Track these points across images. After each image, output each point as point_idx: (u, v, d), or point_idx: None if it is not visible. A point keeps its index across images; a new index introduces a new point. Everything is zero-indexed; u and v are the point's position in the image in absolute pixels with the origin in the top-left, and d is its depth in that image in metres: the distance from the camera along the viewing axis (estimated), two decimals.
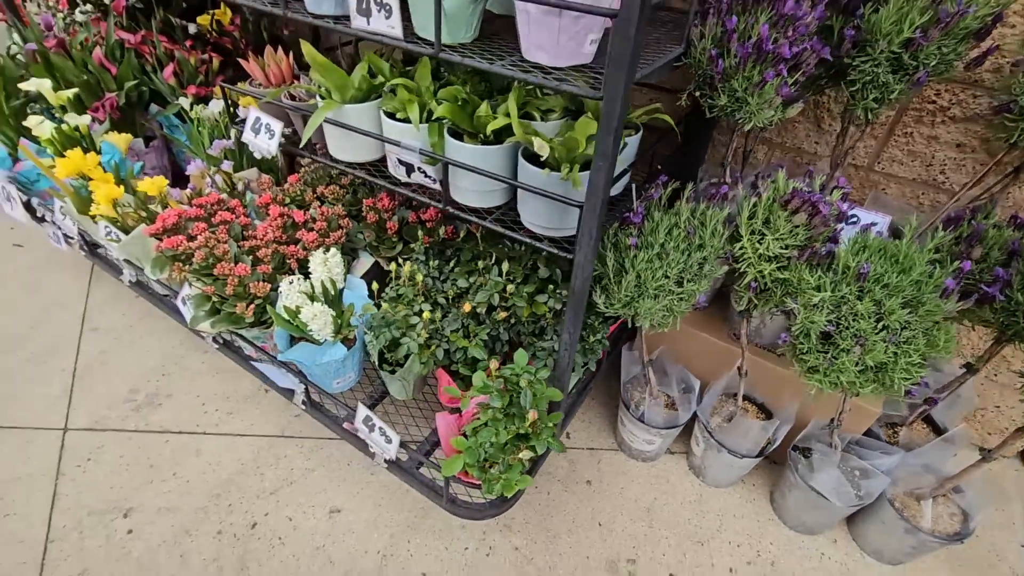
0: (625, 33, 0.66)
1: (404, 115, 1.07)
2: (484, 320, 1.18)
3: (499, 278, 1.17)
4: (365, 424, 1.18)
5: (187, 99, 1.73)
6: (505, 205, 1.11)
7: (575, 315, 1.01)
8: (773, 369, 1.37)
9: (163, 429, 1.55)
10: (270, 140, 1.25)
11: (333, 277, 1.28)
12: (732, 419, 1.38)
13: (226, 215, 1.40)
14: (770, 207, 1.07)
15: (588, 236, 0.88)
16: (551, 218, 1.00)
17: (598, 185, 0.82)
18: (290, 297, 1.21)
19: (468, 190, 1.08)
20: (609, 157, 0.78)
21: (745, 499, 1.47)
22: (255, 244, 1.35)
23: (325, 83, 1.13)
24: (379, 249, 1.50)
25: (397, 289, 1.25)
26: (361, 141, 1.18)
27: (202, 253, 1.28)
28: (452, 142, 1.02)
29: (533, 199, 0.99)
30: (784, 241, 1.05)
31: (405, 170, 1.11)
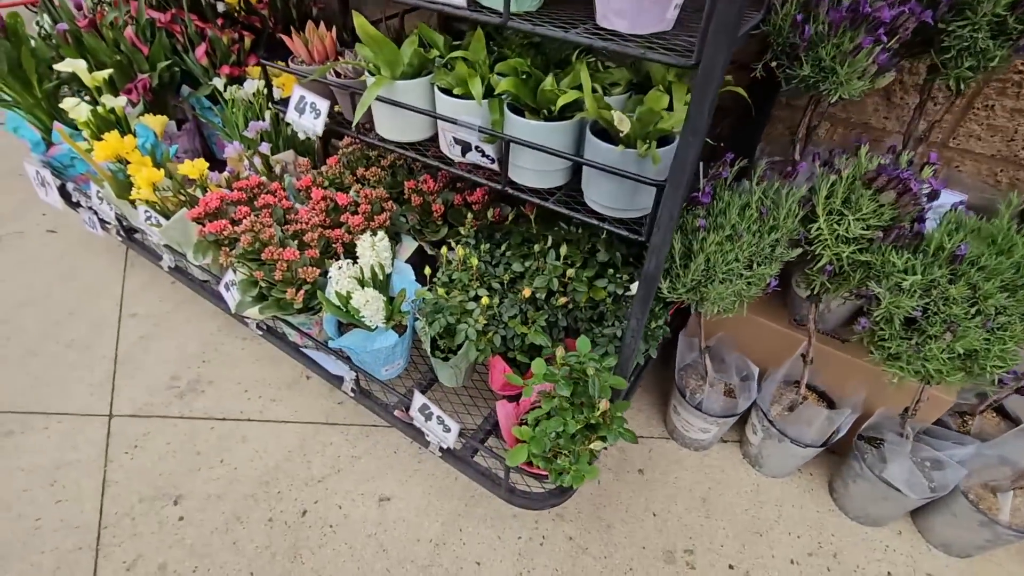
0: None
1: (461, 91, 1.02)
2: (542, 306, 1.14)
3: (557, 262, 1.13)
4: (422, 412, 1.15)
5: (220, 79, 1.69)
6: (566, 185, 1.05)
7: (644, 301, 0.96)
8: (836, 355, 1.31)
9: (207, 416, 1.54)
10: (315, 120, 1.21)
11: (382, 261, 1.24)
12: (794, 408, 1.33)
13: (269, 198, 1.36)
14: (851, 185, 1.00)
15: (668, 217, 0.83)
16: (620, 198, 0.95)
17: (685, 162, 0.76)
18: (340, 282, 1.18)
19: (528, 170, 1.02)
20: (701, 132, 0.73)
21: (803, 489, 1.42)
22: (300, 228, 1.31)
23: (374, 59, 1.08)
24: (423, 233, 1.46)
25: (450, 274, 1.21)
26: (412, 119, 1.13)
27: (248, 238, 1.25)
28: (514, 119, 0.97)
29: (601, 178, 0.94)
30: (867, 221, 0.99)
31: (460, 149, 1.06)
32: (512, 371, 1.19)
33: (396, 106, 1.08)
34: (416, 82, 1.08)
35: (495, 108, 0.98)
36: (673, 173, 0.78)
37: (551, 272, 1.10)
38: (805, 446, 1.27)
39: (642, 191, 0.94)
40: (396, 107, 1.09)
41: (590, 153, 0.94)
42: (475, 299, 1.14)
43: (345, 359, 1.31)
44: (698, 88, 0.69)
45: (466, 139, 1.03)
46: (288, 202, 1.41)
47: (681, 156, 0.76)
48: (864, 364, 1.29)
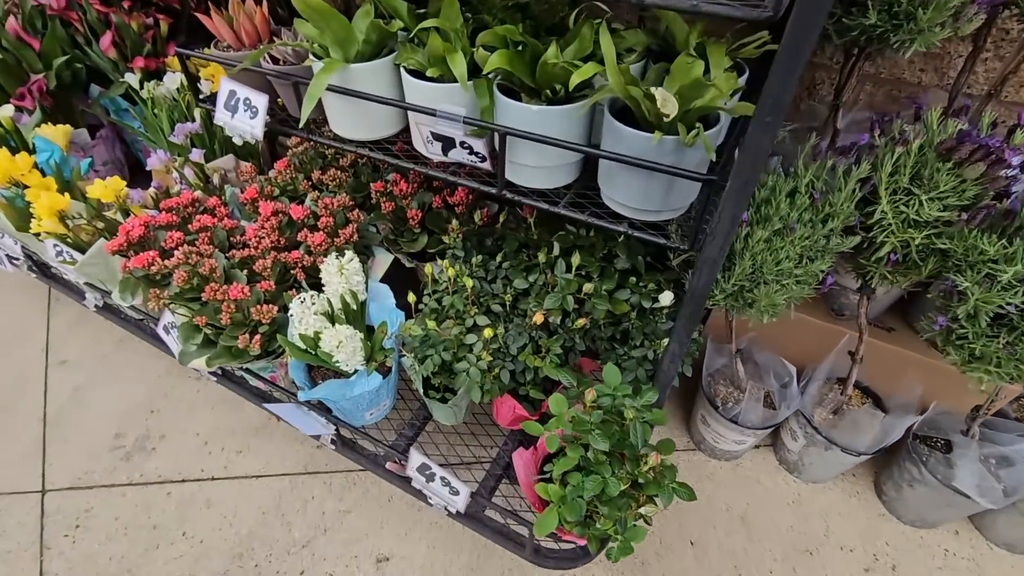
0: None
1: (437, 72, 0.79)
2: (556, 330, 0.94)
3: (569, 275, 0.93)
4: (421, 473, 0.95)
5: (135, 75, 1.40)
6: (577, 182, 0.85)
7: (690, 321, 0.78)
8: (882, 347, 1.16)
9: (162, 479, 1.31)
10: (252, 120, 0.96)
11: (353, 288, 1.02)
12: (839, 411, 1.18)
13: (206, 219, 1.11)
14: (921, 158, 0.83)
15: (730, 221, 0.64)
16: (651, 197, 0.75)
17: (759, 149, 0.57)
18: (305, 320, 0.95)
19: (530, 167, 0.82)
20: (782, 109, 0.53)
21: (848, 494, 1.29)
22: (249, 254, 1.07)
23: (320, 37, 0.84)
24: (398, 243, 1.24)
25: (439, 297, 0.99)
26: (375, 112, 0.90)
27: (183, 272, 1.01)
28: (508, 104, 0.76)
29: (628, 174, 0.74)
30: (944, 201, 0.82)
31: (441, 146, 0.84)
32: (523, 407, 0.99)
33: (353, 96, 0.85)
34: (376, 64, 0.84)
35: (483, 92, 0.77)
36: (740, 164, 0.59)
37: (564, 289, 0.90)
38: (858, 454, 1.13)
39: (679, 188, 0.74)
40: (353, 98, 0.86)
41: (611, 142, 0.73)
42: (474, 329, 0.93)
43: (322, 409, 1.10)
44: (787, 50, 0.49)
45: (448, 133, 0.81)
46: (231, 220, 1.17)
47: (753, 143, 0.56)
48: (915, 356, 1.15)
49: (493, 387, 0.91)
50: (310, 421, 1.09)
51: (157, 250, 1.08)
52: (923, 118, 0.85)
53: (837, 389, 1.20)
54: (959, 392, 1.12)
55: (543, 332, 0.94)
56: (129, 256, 1.08)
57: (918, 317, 1.18)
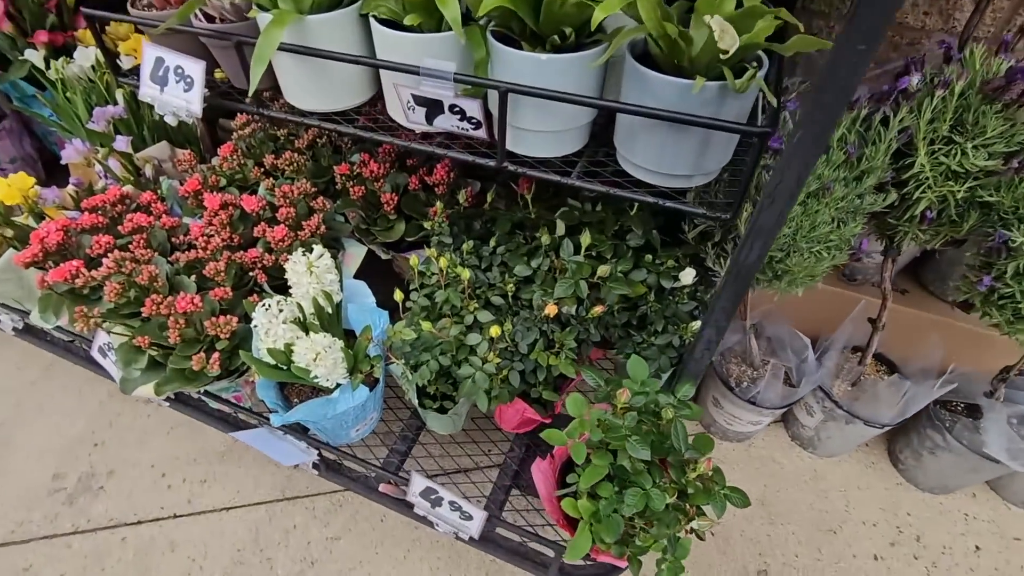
0: None
1: (416, 19, 0.65)
2: (568, 320, 0.82)
3: (579, 257, 0.81)
4: (426, 498, 0.82)
5: (38, 52, 1.18)
6: (587, 148, 0.73)
7: (733, 300, 0.67)
8: (897, 310, 1.10)
9: (114, 523, 1.13)
10: (188, 92, 0.79)
11: (326, 287, 0.87)
12: (857, 382, 1.12)
13: (140, 218, 0.94)
14: (964, 102, 0.75)
15: (795, 181, 0.53)
16: (680, 159, 0.64)
17: (842, 88, 0.46)
18: (273, 332, 0.80)
19: (534, 132, 0.69)
20: (880, 34, 0.42)
21: (864, 465, 1.24)
22: (197, 256, 0.91)
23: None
24: (370, 233, 1.09)
25: (429, 292, 0.86)
26: (340, 75, 0.75)
27: (116, 284, 0.83)
28: (508, 53, 0.63)
29: (654, 133, 0.62)
30: (991, 148, 0.74)
31: (426, 112, 0.70)
32: (535, 409, 0.88)
33: (312, 56, 0.70)
34: (339, 15, 0.69)
35: (477, 41, 0.63)
36: (814, 110, 0.48)
37: (575, 273, 0.79)
38: (881, 426, 1.07)
39: (714, 147, 0.63)
40: (312, 58, 0.71)
41: (635, 94, 0.61)
42: (475, 327, 0.81)
43: (299, 430, 0.95)
44: None
45: (435, 95, 0.67)
46: (171, 218, 0.99)
47: (837, 78, 0.45)
48: (932, 318, 1.09)
49: (502, 392, 0.79)
50: (287, 448, 0.95)
51: (82, 259, 0.90)
52: (959, 58, 0.77)
53: (853, 359, 1.14)
54: (978, 354, 1.08)
55: (555, 324, 0.82)
56: (47, 268, 0.90)
57: (934, 278, 1.12)
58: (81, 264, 0.88)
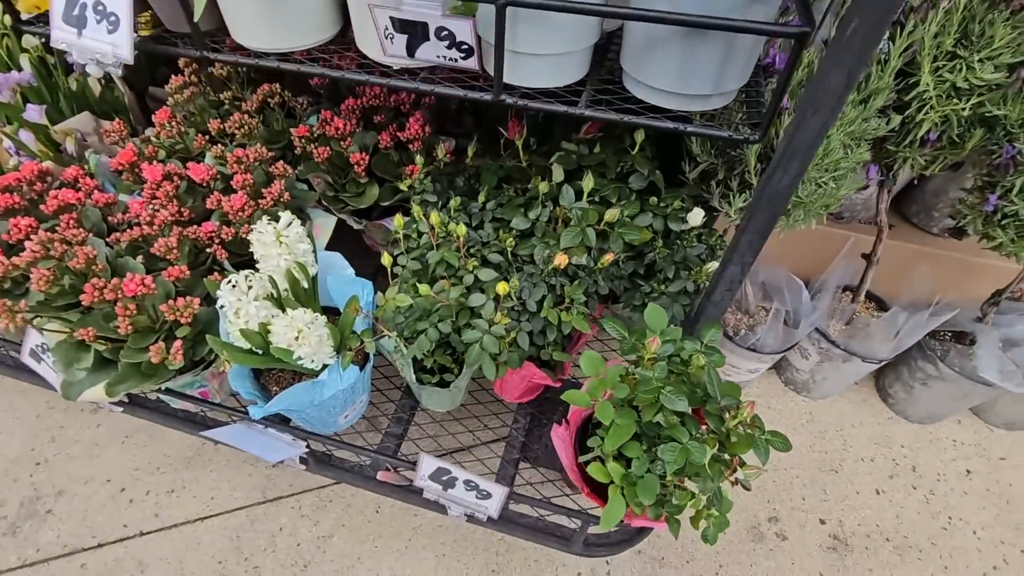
0: None
1: None
2: (576, 272, 0.76)
3: (583, 203, 0.74)
4: (437, 480, 0.74)
5: None
6: (589, 77, 0.66)
7: (762, 232, 0.62)
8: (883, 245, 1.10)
9: (69, 549, 1.00)
10: (112, 34, 0.66)
11: (299, 258, 0.77)
12: (851, 320, 1.11)
13: (67, 194, 0.80)
14: (969, 13, 0.72)
15: (843, 84, 0.48)
16: (701, 75, 0.58)
17: None
18: (244, 310, 0.70)
19: (533, 58, 0.61)
20: None
21: (856, 403, 1.26)
22: (143, 233, 0.78)
23: None
24: (340, 200, 0.99)
25: (420, 256, 0.77)
26: (302, 3, 0.64)
27: (44, 271, 0.70)
28: None
29: (672, 45, 0.56)
30: (998, 59, 0.72)
31: (406, 42, 0.61)
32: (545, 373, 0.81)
33: None
34: None
35: None
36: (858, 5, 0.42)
37: (581, 220, 0.72)
38: (878, 362, 1.07)
39: (737, 58, 0.57)
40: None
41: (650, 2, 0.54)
42: (476, 287, 0.73)
43: (280, 422, 0.85)
44: None
45: (419, 17, 0.58)
46: (105, 194, 0.85)
47: None
48: (920, 249, 1.10)
49: (512, 356, 0.72)
50: (270, 443, 0.85)
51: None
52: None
53: (845, 298, 1.14)
54: (965, 282, 1.09)
55: (562, 278, 0.75)
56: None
57: (918, 210, 1.13)
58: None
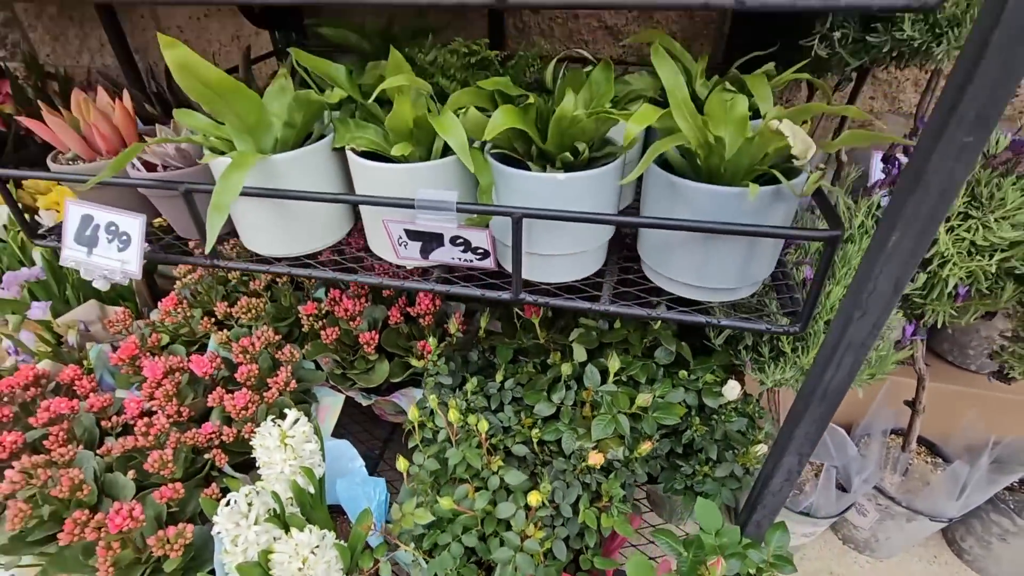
0: None
1: (406, 148, 0.56)
2: (611, 463, 0.69)
3: (612, 387, 0.70)
4: None
5: None
6: (607, 266, 0.64)
7: (820, 424, 0.57)
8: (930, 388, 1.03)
9: None
10: (123, 252, 0.66)
11: (306, 462, 0.71)
12: (907, 472, 1.02)
13: (59, 404, 0.75)
14: (976, 177, 0.73)
15: (892, 287, 0.45)
16: (725, 270, 0.56)
17: (946, 185, 0.39)
18: (243, 537, 0.62)
19: (551, 257, 0.60)
20: (990, 126, 0.36)
21: (927, 562, 1.12)
22: (137, 445, 0.72)
23: (216, 129, 0.59)
24: (347, 377, 0.94)
25: (439, 452, 0.71)
26: (312, 216, 0.64)
27: (20, 505, 0.63)
28: (517, 175, 0.54)
29: (694, 245, 0.54)
30: (1014, 217, 0.71)
31: (420, 247, 0.60)
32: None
33: (279, 198, 0.59)
34: (308, 152, 0.60)
35: (481, 165, 0.55)
36: (914, 211, 0.41)
37: (611, 407, 0.67)
38: (948, 520, 0.96)
39: (761, 254, 0.56)
40: (279, 201, 0.60)
41: (666, 205, 0.54)
42: (500, 492, 0.65)
43: None
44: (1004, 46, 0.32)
45: (434, 228, 0.57)
46: (101, 396, 0.81)
47: (940, 174, 0.39)
48: (962, 390, 1.04)
49: (548, 571, 0.63)
50: None
51: None
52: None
53: (895, 445, 1.05)
54: (1019, 423, 1.02)
55: (598, 473, 0.68)
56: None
57: (951, 347, 1.08)
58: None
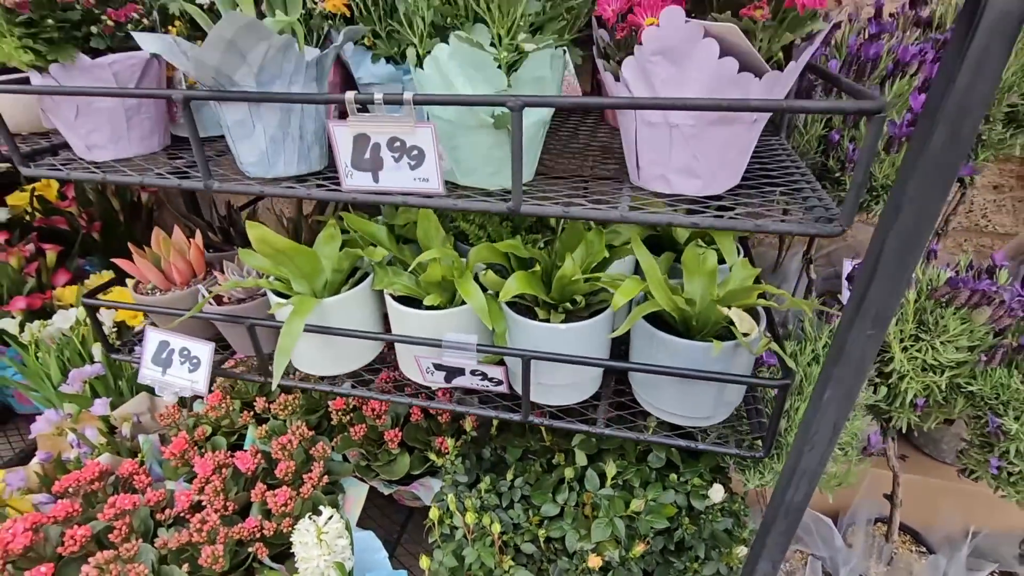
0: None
1: (436, 300, 0.69)
2: (608, 564, 0.78)
3: (609, 491, 0.79)
4: None
5: (14, 319, 1.16)
6: (603, 388, 0.76)
7: (785, 535, 0.66)
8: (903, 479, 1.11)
9: None
10: (193, 372, 0.78)
11: (338, 557, 0.80)
12: (892, 561, 1.08)
13: (123, 501, 0.85)
14: (923, 306, 0.84)
15: (831, 430, 0.56)
16: (702, 404, 0.67)
17: (860, 361, 0.51)
18: None
19: (555, 385, 0.71)
20: (886, 322, 0.48)
21: None
22: (190, 540, 0.82)
23: (276, 270, 0.72)
24: (371, 468, 1.04)
25: (456, 550, 0.80)
26: (353, 345, 0.77)
27: None
28: (527, 324, 0.67)
29: (680, 384, 0.66)
30: (957, 342, 0.82)
31: (445, 375, 0.72)
32: None
33: (329, 334, 0.72)
34: (354, 294, 0.73)
35: (497, 316, 0.67)
36: (840, 375, 0.52)
37: (608, 511, 0.76)
38: None
39: (730, 391, 0.67)
40: (328, 335, 0.72)
41: (649, 352, 0.66)
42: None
43: None
44: (891, 258, 0.45)
45: (457, 364, 0.69)
46: (156, 491, 0.91)
47: (855, 353, 0.50)
48: (940, 483, 1.11)
49: None
50: None
51: (52, 561, 0.80)
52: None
53: (879, 532, 1.12)
54: (994, 515, 1.09)
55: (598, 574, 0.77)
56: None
57: (925, 441, 1.17)
58: (51, 570, 0.77)
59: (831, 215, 0.49)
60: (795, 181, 0.60)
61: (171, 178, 0.64)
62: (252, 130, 0.61)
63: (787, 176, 0.61)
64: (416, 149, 0.54)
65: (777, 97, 0.50)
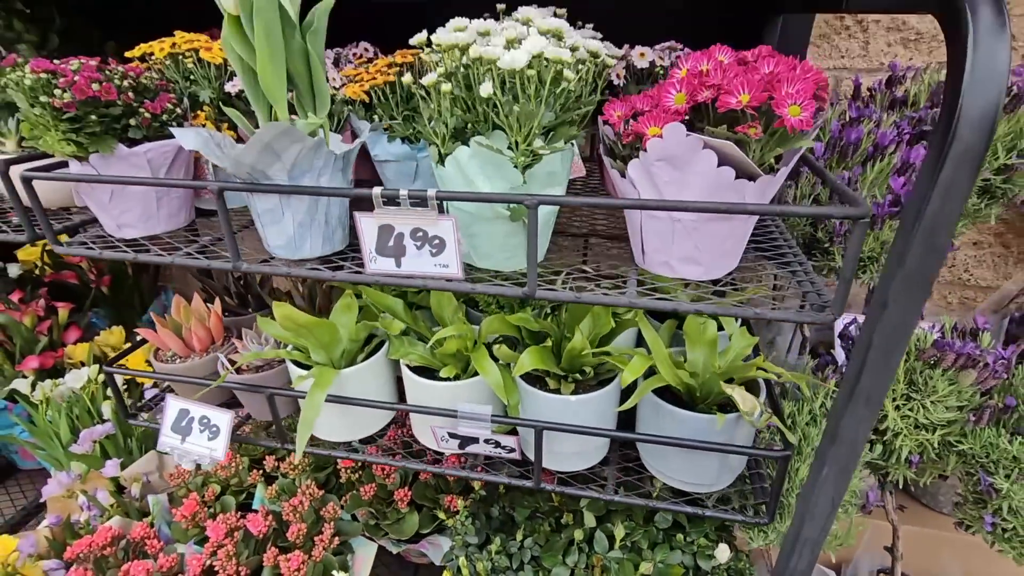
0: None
1: (452, 372, 0.72)
2: None
3: (618, 553, 0.81)
4: None
5: (26, 379, 1.18)
6: (611, 454, 0.78)
7: None
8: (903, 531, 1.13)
9: None
10: (212, 440, 0.80)
11: None
12: None
13: (138, 568, 0.86)
14: (912, 366, 0.88)
15: (829, 504, 0.59)
16: (706, 472, 0.70)
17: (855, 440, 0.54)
18: None
19: (567, 453, 0.74)
20: (878, 404, 0.52)
21: None
22: None
23: (296, 339, 0.75)
24: (380, 527, 1.05)
25: None
26: (368, 412, 0.79)
27: None
28: (539, 395, 0.70)
29: (686, 453, 0.69)
30: (946, 402, 0.86)
31: (458, 443, 0.75)
32: None
33: (349, 404, 0.74)
34: (369, 365, 0.76)
35: (511, 389, 0.70)
36: (837, 454, 0.55)
37: (619, 574, 0.78)
38: None
39: (732, 461, 0.70)
40: (346, 404, 0.75)
41: (656, 423, 0.69)
42: None
43: None
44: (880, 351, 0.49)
45: (471, 433, 0.72)
46: (168, 557, 0.92)
47: (848, 434, 0.54)
48: (939, 534, 1.13)
49: None
50: None
51: None
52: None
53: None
54: (992, 568, 1.10)
55: None
56: None
57: (922, 492, 1.19)
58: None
59: (823, 302, 0.54)
60: (788, 263, 0.64)
61: (201, 258, 0.68)
62: (281, 217, 0.65)
63: (781, 258, 0.65)
64: (438, 239, 0.58)
65: (770, 195, 0.55)
